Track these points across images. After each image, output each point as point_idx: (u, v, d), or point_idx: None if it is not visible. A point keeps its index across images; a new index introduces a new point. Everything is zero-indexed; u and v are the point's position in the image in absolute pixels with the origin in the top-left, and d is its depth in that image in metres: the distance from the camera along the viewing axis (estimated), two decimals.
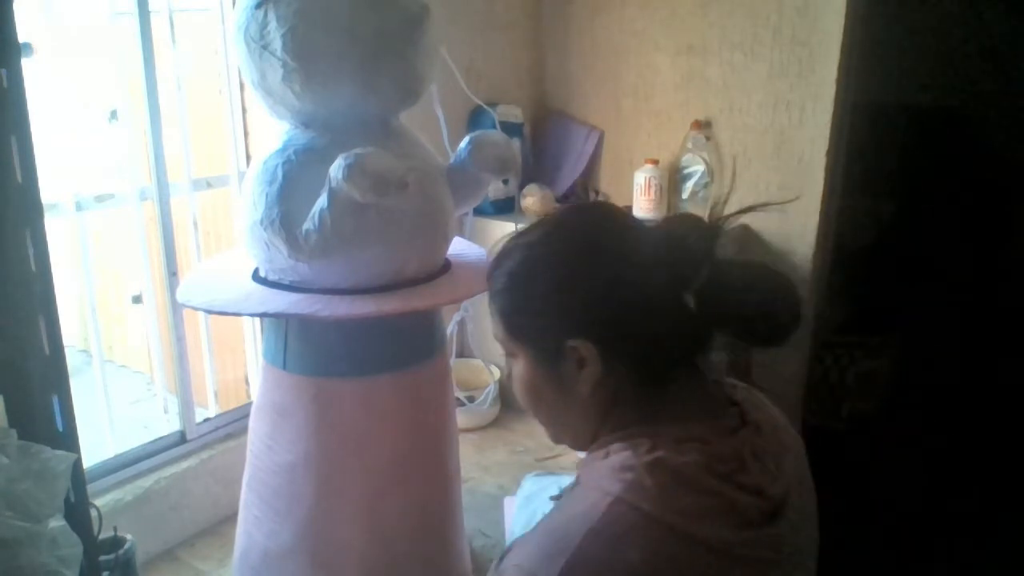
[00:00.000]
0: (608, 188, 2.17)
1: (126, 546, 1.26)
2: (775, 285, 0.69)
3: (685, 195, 1.99)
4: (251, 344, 1.75)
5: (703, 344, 0.70)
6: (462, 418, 1.78)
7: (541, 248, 0.71)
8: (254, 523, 1.21)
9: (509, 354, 0.75)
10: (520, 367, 0.73)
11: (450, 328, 1.81)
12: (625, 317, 0.67)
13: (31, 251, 0.90)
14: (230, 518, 1.43)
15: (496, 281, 0.73)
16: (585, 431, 0.73)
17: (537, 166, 2.19)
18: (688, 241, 0.69)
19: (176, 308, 1.50)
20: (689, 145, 1.97)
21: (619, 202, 2.10)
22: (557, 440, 0.79)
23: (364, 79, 1.07)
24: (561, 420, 0.75)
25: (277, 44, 1.03)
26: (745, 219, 0.80)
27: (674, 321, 0.67)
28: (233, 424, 1.61)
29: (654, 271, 0.67)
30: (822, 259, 1.93)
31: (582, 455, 0.74)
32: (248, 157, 1.67)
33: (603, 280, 0.68)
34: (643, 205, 1.96)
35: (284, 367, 1.15)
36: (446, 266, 1.24)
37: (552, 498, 0.76)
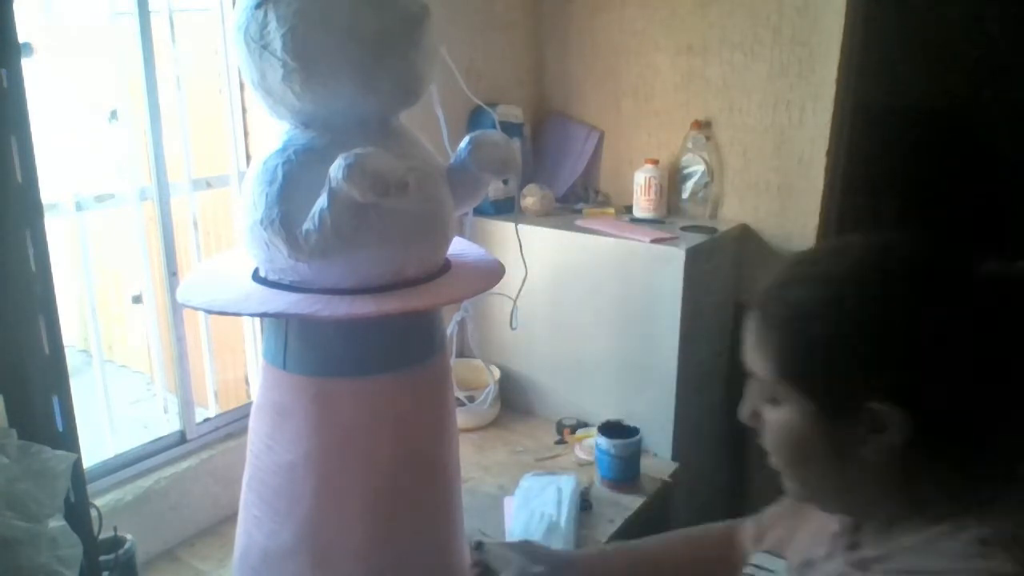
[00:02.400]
0: (608, 188, 2.17)
1: (126, 546, 1.26)
2: None
3: (685, 195, 1.99)
4: (251, 344, 1.75)
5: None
6: (462, 418, 1.78)
7: (847, 286, 0.59)
8: (254, 523, 1.21)
9: (769, 398, 0.63)
10: (785, 416, 0.62)
11: (450, 328, 1.81)
12: (943, 387, 0.55)
13: (31, 251, 0.90)
14: (230, 518, 1.43)
15: (773, 313, 0.62)
16: (863, 502, 0.63)
17: (537, 166, 2.19)
18: None
19: (176, 308, 1.50)
20: (689, 145, 1.97)
21: (619, 202, 2.10)
22: (802, 497, 0.68)
23: (364, 79, 1.07)
24: (830, 484, 0.64)
25: (277, 44, 1.03)
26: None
27: (1003, 397, 0.55)
28: (233, 424, 1.61)
29: (994, 336, 0.55)
30: None
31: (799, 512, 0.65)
32: (248, 157, 1.67)
33: (926, 339, 0.55)
34: (643, 205, 1.96)
35: (284, 367, 1.15)
36: (446, 266, 1.24)
37: None
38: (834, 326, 0.58)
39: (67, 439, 0.95)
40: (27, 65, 0.88)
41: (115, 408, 1.56)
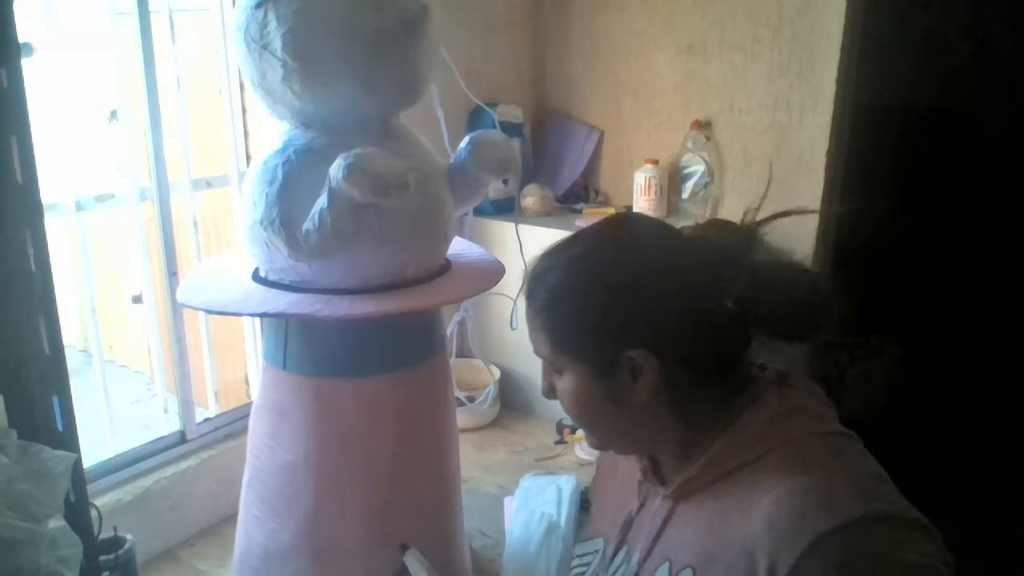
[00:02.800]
0: (608, 188, 2.17)
1: (126, 546, 1.26)
2: (806, 284, 0.70)
3: (685, 195, 1.99)
4: (251, 344, 1.75)
5: (746, 344, 0.71)
6: (462, 418, 1.78)
7: (585, 263, 0.71)
8: (254, 523, 1.21)
9: (555, 370, 0.74)
10: (569, 382, 0.73)
11: (450, 328, 1.81)
12: (675, 326, 0.67)
13: (31, 251, 0.90)
14: (230, 518, 1.43)
15: (537, 299, 0.72)
16: (651, 438, 0.73)
17: (537, 166, 2.19)
18: (728, 249, 0.70)
19: (176, 308, 1.50)
20: (689, 145, 1.97)
21: (619, 202, 2.10)
22: (608, 448, 0.79)
23: (364, 79, 1.07)
24: (620, 430, 0.75)
25: (277, 44, 1.03)
26: None
27: (720, 326, 0.68)
28: (233, 424, 1.61)
29: (697, 280, 0.68)
30: (822, 259, 1.93)
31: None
32: (248, 157, 1.67)
33: (651, 291, 0.68)
34: (643, 205, 1.96)
35: (284, 367, 1.15)
36: (446, 266, 1.24)
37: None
38: (579, 299, 0.70)
39: (67, 439, 0.95)
40: (27, 65, 0.88)
41: (115, 408, 1.56)
